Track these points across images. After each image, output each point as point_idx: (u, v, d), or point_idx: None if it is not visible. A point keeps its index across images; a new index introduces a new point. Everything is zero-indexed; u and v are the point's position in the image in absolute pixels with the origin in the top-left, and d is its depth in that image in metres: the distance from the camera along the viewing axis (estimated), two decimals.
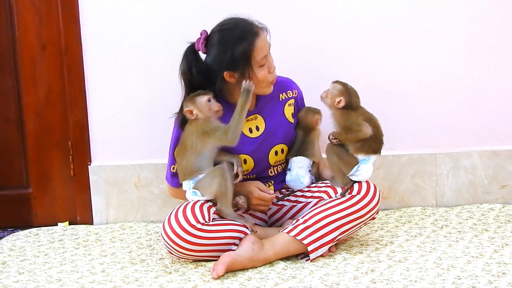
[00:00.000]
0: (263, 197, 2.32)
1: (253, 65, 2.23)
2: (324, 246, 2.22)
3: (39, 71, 2.70)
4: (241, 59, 2.22)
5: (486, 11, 2.70)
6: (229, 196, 2.25)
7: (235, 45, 2.21)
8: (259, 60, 2.23)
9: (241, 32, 2.23)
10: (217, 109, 2.26)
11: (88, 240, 2.58)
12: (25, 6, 2.65)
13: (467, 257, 2.20)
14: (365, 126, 2.26)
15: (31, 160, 2.76)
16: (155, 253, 2.39)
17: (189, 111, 2.26)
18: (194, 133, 2.25)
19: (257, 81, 2.25)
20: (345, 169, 2.28)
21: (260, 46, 2.23)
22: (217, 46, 2.25)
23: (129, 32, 2.67)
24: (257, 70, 2.24)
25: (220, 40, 2.24)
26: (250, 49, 2.22)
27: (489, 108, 2.77)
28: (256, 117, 2.38)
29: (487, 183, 2.80)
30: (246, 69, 2.23)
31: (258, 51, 2.23)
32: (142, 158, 2.76)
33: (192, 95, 2.27)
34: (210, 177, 2.24)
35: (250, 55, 2.22)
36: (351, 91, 2.30)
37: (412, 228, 2.53)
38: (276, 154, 2.40)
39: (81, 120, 2.72)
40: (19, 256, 2.41)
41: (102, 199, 2.77)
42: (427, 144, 2.79)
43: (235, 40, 2.22)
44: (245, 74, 2.24)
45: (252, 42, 2.22)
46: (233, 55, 2.22)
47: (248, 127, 2.36)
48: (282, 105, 2.42)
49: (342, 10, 2.68)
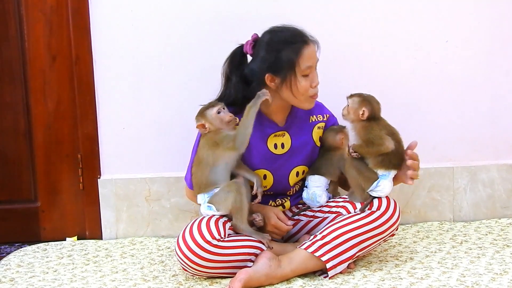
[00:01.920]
0: (279, 227, 2.28)
1: (297, 72, 2.18)
2: (343, 263, 2.16)
3: (48, 83, 2.65)
4: (286, 62, 2.17)
5: (505, 23, 2.67)
6: (244, 212, 2.19)
7: (282, 47, 2.17)
8: (303, 68, 2.18)
9: (291, 36, 2.19)
10: (228, 119, 2.20)
11: (98, 255, 2.52)
12: (35, 16, 2.60)
13: (490, 274, 2.13)
14: (388, 140, 2.19)
15: (40, 173, 2.70)
16: (168, 269, 2.32)
17: (201, 126, 2.22)
18: (206, 145, 2.21)
19: (297, 92, 2.20)
20: (364, 184, 2.22)
21: (307, 54, 2.18)
22: (264, 47, 2.20)
23: (141, 43, 2.62)
24: (300, 78, 2.19)
25: (268, 41, 2.21)
26: (297, 54, 2.17)
27: (507, 121, 2.73)
28: (284, 134, 2.32)
29: (505, 198, 2.74)
30: (288, 75, 2.18)
31: (305, 58, 2.18)
32: (153, 172, 2.70)
33: (202, 109, 2.23)
34: (225, 191, 2.18)
35: (296, 60, 2.17)
36: (371, 99, 2.24)
37: (431, 243, 2.47)
38: (297, 175, 2.35)
39: (91, 133, 2.67)
40: (28, 272, 2.35)
41: (112, 213, 2.71)
42: (444, 157, 2.73)
43: (283, 42, 2.18)
44: (287, 80, 2.19)
45: (300, 48, 2.17)
46: (279, 57, 2.17)
47: (274, 143, 2.31)
48: (312, 127, 2.36)
49: (358, 22, 2.64)
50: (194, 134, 2.32)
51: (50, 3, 2.60)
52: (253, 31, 2.42)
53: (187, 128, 2.59)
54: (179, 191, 2.69)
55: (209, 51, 2.59)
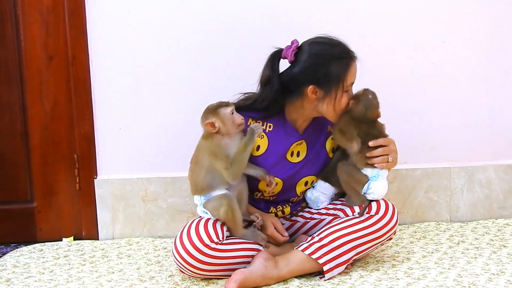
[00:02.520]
0: (275, 237, 2.27)
1: (344, 87, 2.16)
2: (340, 266, 2.15)
3: (45, 83, 2.64)
4: (334, 77, 2.14)
5: (504, 23, 2.66)
6: (238, 223, 2.17)
7: (332, 62, 2.14)
8: (348, 84, 2.17)
9: (341, 51, 2.17)
10: (240, 122, 2.15)
11: (94, 256, 2.51)
12: (32, 16, 2.60)
13: (487, 274, 2.13)
14: (356, 141, 2.18)
15: (36, 174, 2.70)
16: (164, 270, 2.32)
17: (210, 124, 2.13)
18: (206, 149, 2.16)
19: (338, 106, 2.18)
20: (357, 187, 2.22)
21: (353, 71, 2.17)
22: (313, 57, 2.16)
23: (138, 43, 2.62)
24: (343, 94, 2.17)
25: (318, 52, 2.17)
26: (345, 71, 2.15)
27: (505, 122, 2.73)
28: (302, 142, 2.30)
29: (502, 198, 2.74)
30: (333, 89, 2.15)
31: (351, 75, 2.17)
32: (149, 172, 2.69)
33: (213, 106, 2.15)
34: (217, 203, 2.16)
35: (344, 77, 2.15)
36: (368, 101, 2.20)
37: (428, 244, 2.47)
38: (305, 184, 2.33)
39: (88, 133, 2.66)
40: (24, 273, 2.34)
41: (108, 214, 2.70)
42: (441, 157, 2.73)
43: (334, 56, 2.15)
44: (331, 94, 2.16)
45: (349, 64, 2.16)
46: (328, 71, 2.14)
47: (291, 151, 2.28)
48: (325, 137, 2.33)
49: (357, 22, 2.64)
50: (191, 134, 2.27)
51: (47, 3, 2.59)
52: (252, 31, 2.42)
53: (184, 128, 2.60)
54: (176, 191, 2.68)
55: (207, 51, 2.59)
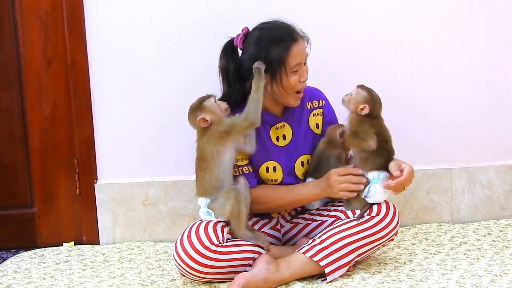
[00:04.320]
0: (344, 171, 2.20)
1: (287, 69, 2.17)
2: (341, 268, 2.14)
3: (44, 87, 2.63)
4: (275, 61, 2.16)
5: (502, 25, 2.66)
6: (242, 219, 2.17)
7: (271, 46, 2.16)
8: (292, 66, 2.17)
9: (280, 34, 2.18)
10: (225, 107, 2.20)
11: (95, 260, 2.50)
12: (30, 20, 2.59)
13: (490, 275, 2.12)
14: (372, 138, 2.16)
15: (36, 179, 2.69)
16: (166, 274, 2.31)
17: (202, 119, 2.16)
18: (211, 140, 2.16)
19: (288, 87, 2.20)
20: None
21: (295, 52, 2.17)
22: (254, 44, 2.19)
23: (137, 47, 2.61)
24: (290, 74, 2.18)
25: (257, 38, 2.19)
26: (286, 53, 2.16)
27: (505, 122, 2.72)
28: (283, 125, 2.32)
29: (503, 199, 2.74)
30: (277, 72, 2.17)
31: (293, 57, 2.17)
32: (150, 176, 2.69)
33: (197, 104, 2.19)
34: (224, 198, 2.16)
35: (285, 59, 2.16)
36: (376, 99, 2.22)
37: (429, 245, 2.46)
38: (302, 165, 2.34)
39: (88, 137, 2.65)
40: (25, 278, 2.33)
41: (109, 218, 2.69)
42: (442, 159, 2.72)
43: (273, 41, 2.17)
44: (277, 77, 2.18)
45: (289, 46, 2.16)
46: (268, 55, 2.16)
47: (276, 135, 2.31)
48: (308, 115, 2.35)
49: (355, 24, 2.63)
50: (192, 138, 2.27)
51: (45, 7, 2.59)
52: None
53: (184, 131, 2.58)
54: (176, 195, 2.67)
55: (205, 55, 2.57)
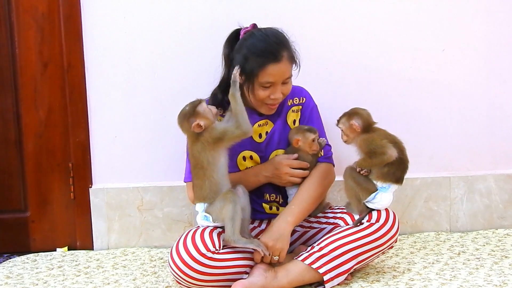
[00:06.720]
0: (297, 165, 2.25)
1: (255, 83, 2.18)
2: (340, 275, 2.12)
3: (39, 90, 2.61)
4: (248, 71, 2.17)
5: (502, 31, 2.65)
6: (237, 222, 2.12)
7: (250, 56, 2.17)
8: (262, 82, 2.17)
9: (263, 48, 2.17)
10: (216, 112, 2.19)
11: (89, 266, 2.46)
12: (26, 23, 2.56)
13: (490, 285, 2.10)
14: (390, 148, 2.13)
15: (30, 183, 2.65)
16: (161, 281, 2.28)
17: (197, 125, 2.14)
18: (206, 147, 2.13)
19: (253, 98, 2.21)
20: (361, 195, 2.17)
21: (269, 72, 2.16)
22: (239, 48, 2.21)
23: (134, 50, 2.59)
24: (258, 87, 2.19)
25: (245, 42, 2.20)
26: (258, 69, 2.15)
27: (505, 131, 2.70)
28: (266, 122, 2.32)
29: (502, 208, 2.72)
30: (250, 81, 2.19)
31: (265, 75, 2.16)
32: (145, 181, 2.66)
33: (190, 109, 2.16)
34: (221, 200, 2.13)
35: (256, 74, 2.16)
36: (355, 111, 2.19)
37: (428, 254, 2.44)
38: None
39: (83, 141, 2.62)
40: (17, 284, 2.30)
41: (104, 223, 2.66)
42: (441, 167, 2.71)
43: (254, 52, 2.17)
44: (248, 84, 2.19)
45: (265, 64, 2.15)
46: (245, 63, 2.16)
47: (259, 133, 2.30)
48: (286, 110, 2.34)
49: (355, 31, 2.62)
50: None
51: (42, 9, 2.56)
52: None
53: (180, 136, 2.55)
54: (172, 200, 2.64)
55: (203, 59, 2.56)
